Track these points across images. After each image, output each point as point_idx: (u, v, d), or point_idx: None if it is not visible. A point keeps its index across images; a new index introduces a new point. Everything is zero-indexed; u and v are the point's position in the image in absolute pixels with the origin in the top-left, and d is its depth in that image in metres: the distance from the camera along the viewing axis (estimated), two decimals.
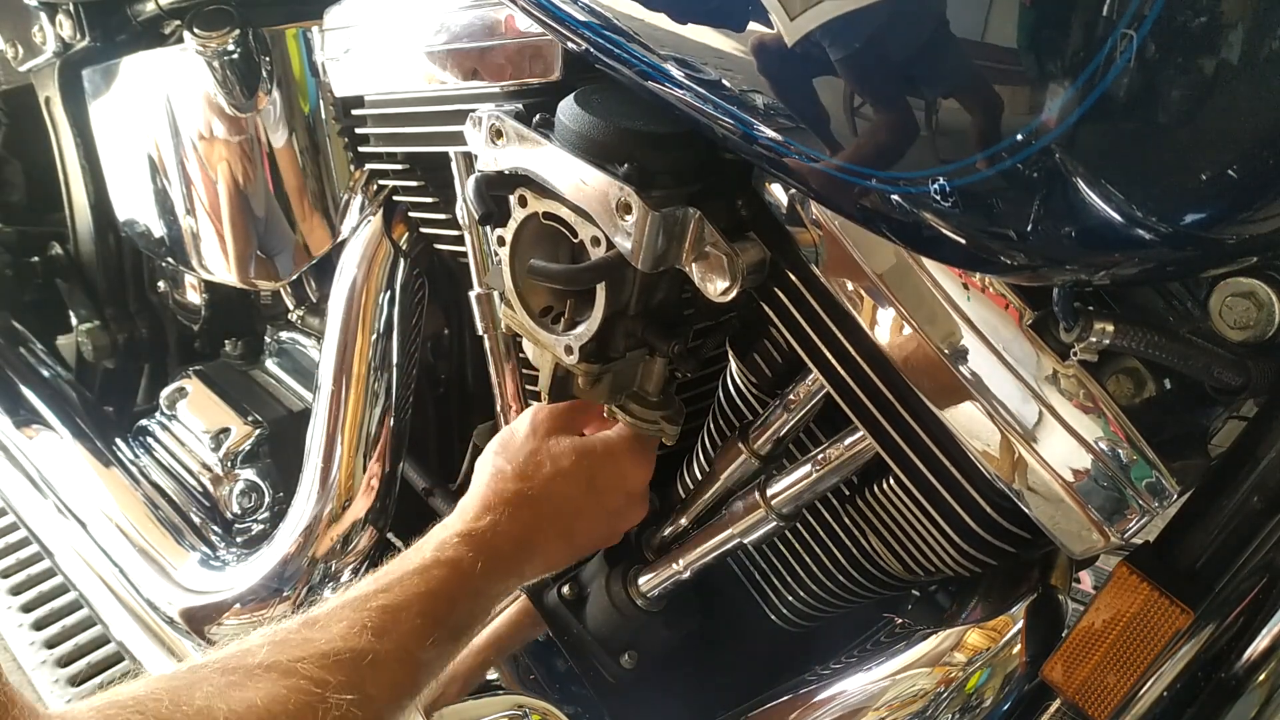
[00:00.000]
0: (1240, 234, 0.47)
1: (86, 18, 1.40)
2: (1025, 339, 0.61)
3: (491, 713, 0.92)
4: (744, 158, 0.64)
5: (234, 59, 1.17)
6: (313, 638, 0.65)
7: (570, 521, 0.81)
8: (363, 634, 0.66)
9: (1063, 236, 0.48)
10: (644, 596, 0.94)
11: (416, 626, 0.68)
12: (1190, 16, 0.40)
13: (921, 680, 0.76)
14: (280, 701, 0.59)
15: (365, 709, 0.63)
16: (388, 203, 1.15)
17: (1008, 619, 0.76)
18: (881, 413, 0.70)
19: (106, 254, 1.64)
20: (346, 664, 0.63)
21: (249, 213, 1.27)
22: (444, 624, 0.70)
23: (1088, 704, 0.65)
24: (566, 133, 0.70)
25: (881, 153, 0.50)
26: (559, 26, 0.67)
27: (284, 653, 0.63)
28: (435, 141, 0.96)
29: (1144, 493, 0.60)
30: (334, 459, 1.17)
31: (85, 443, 1.48)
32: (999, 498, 0.67)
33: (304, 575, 1.17)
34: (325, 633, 0.66)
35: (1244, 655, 0.65)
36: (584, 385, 0.78)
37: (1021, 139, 0.45)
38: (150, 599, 1.25)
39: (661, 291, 0.75)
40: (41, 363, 1.69)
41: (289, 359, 1.53)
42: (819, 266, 0.69)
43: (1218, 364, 0.57)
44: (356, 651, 0.64)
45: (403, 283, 1.17)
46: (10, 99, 1.70)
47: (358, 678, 0.63)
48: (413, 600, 0.69)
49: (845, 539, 0.83)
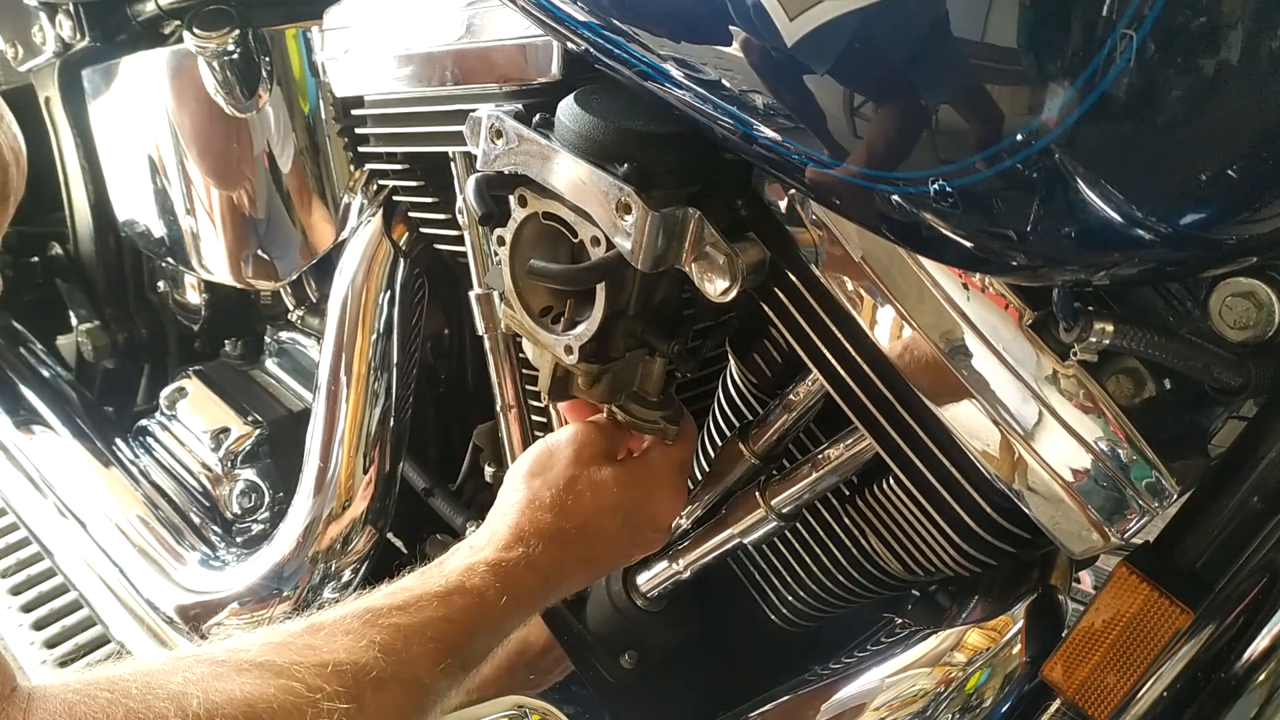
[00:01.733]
0: (1240, 234, 0.47)
1: (86, 18, 1.40)
2: (1025, 339, 0.61)
3: (491, 713, 0.92)
4: (744, 158, 0.64)
5: (234, 59, 1.17)
6: (315, 644, 0.62)
7: (600, 557, 0.78)
8: (369, 649, 0.62)
9: (1062, 236, 0.48)
10: (644, 596, 0.94)
11: (429, 651, 0.65)
12: (1190, 16, 0.40)
13: (921, 680, 0.76)
14: (265, 699, 0.57)
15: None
16: (388, 203, 1.15)
17: (1008, 619, 0.76)
18: (881, 413, 0.70)
19: (106, 254, 1.64)
20: (347, 676, 0.60)
21: (249, 213, 1.27)
22: (458, 654, 0.67)
23: (1088, 704, 0.65)
24: (566, 133, 0.70)
25: (881, 153, 0.50)
26: (559, 26, 0.67)
27: (280, 654, 0.60)
28: (435, 141, 0.96)
29: (1144, 493, 0.60)
30: (334, 459, 1.16)
31: (85, 443, 1.48)
32: (999, 498, 0.67)
33: (304, 575, 1.17)
34: (329, 641, 0.63)
35: (1244, 655, 0.65)
36: (584, 385, 0.78)
37: (1021, 139, 0.45)
38: (150, 599, 1.25)
39: (661, 291, 0.75)
40: (41, 363, 1.69)
41: (289, 359, 1.53)
42: (819, 266, 0.69)
43: (1218, 364, 0.57)
44: (360, 666, 0.61)
45: (403, 283, 1.17)
46: (10, 99, 1.70)
47: (357, 691, 0.60)
48: (429, 624, 0.66)
49: (845, 539, 0.83)
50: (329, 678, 0.59)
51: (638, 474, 0.79)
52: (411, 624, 0.65)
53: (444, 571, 0.71)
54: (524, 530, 0.74)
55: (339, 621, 0.64)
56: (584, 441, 0.80)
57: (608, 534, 0.77)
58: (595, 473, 0.78)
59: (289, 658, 0.60)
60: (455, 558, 0.73)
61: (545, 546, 0.73)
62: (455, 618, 0.67)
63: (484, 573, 0.70)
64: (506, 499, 0.78)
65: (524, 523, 0.74)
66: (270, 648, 0.61)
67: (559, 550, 0.74)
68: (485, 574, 0.70)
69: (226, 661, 0.59)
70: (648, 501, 0.79)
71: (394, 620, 0.65)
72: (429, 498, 1.23)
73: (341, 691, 0.59)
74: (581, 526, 0.75)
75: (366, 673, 0.61)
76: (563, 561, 0.74)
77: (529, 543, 0.73)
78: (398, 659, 0.63)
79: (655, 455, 0.82)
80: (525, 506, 0.76)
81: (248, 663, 0.59)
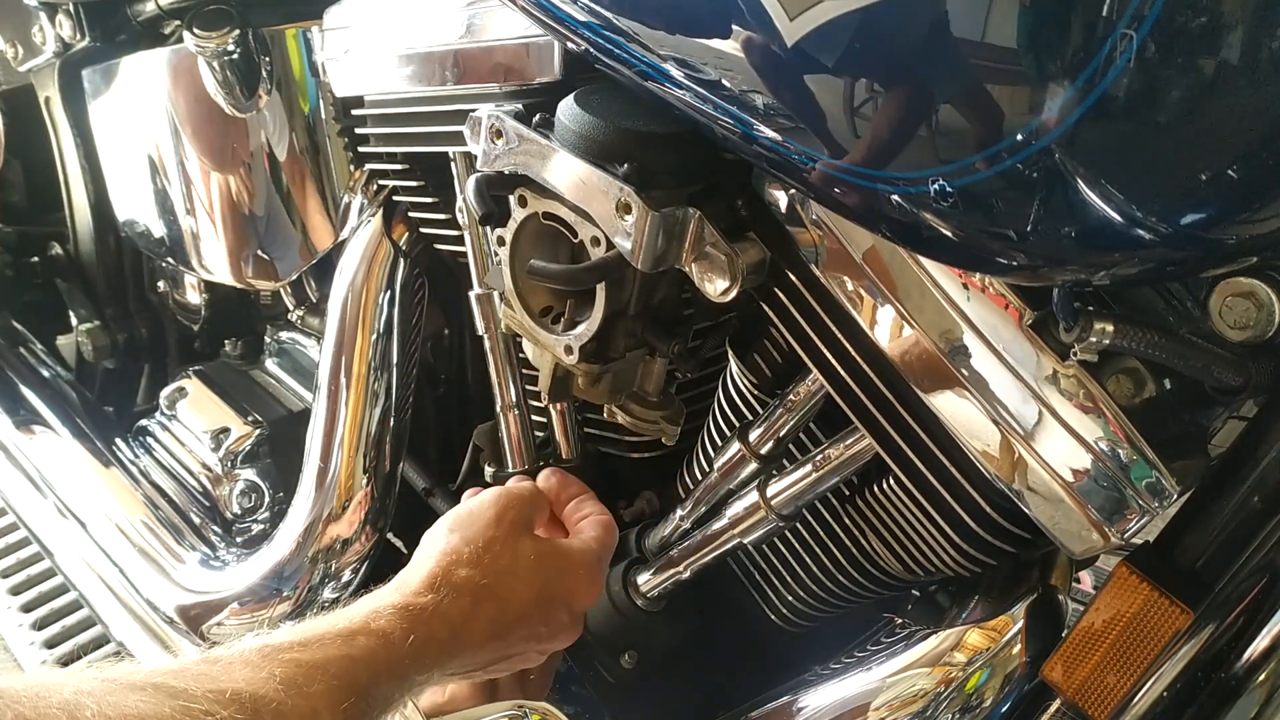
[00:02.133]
0: (1240, 234, 0.47)
1: (86, 18, 1.40)
2: (1025, 339, 0.61)
3: (491, 713, 0.92)
4: (744, 158, 0.64)
5: (234, 59, 1.17)
6: (212, 673, 0.59)
7: (510, 625, 0.75)
8: (269, 681, 0.60)
9: (1062, 236, 0.48)
10: (644, 596, 0.94)
11: (332, 688, 0.62)
12: (1190, 17, 0.40)
13: (921, 680, 0.76)
14: (162, 717, 0.54)
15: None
16: (388, 203, 1.15)
17: (1008, 619, 0.76)
18: (881, 413, 0.70)
19: (106, 254, 1.64)
20: (246, 705, 0.57)
21: (249, 213, 1.27)
22: (362, 695, 0.64)
23: (1088, 704, 0.65)
24: (566, 133, 0.70)
25: (881, 153, 0.50)
26: (559, 26, 0.67)
27: (176, 679, 0.57)
28: (435, 141, 0.96)
29: (1144, 493, 0.60)
30: (334, 459, 1.16)
31: (85, 443, 1.48)
32: (999, 498, 0.67)
33: (304, 575, 1.17)
34: (227, 671, 0.60)
35: (1244, 655, 0.65)
36: (584, 385, 0.78)
37: (1021, 139, 0.45)
38: (150, 599, 1.25)
39: (661, 291, 0.75)
40: (41, 363, 1.68)
41: (289, 359, 1.53)
42: (819, 266, 0.69)
43: (1218, 364, 0.57)
44: (259, 697, 0.58)
45: (403, 283, 1.17)
46: (10, 99, 1.70)
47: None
48: (331, 661, 0.63)
49: (845, 539, 0.83)
50: (226, 704, 0.56)
51: (556, 553, 0.80)
52: (313, 660, 0.63)
53: (350, 613, 0.69)
54: (436, 579, 0.73)
55: (237, 655, 0.62)
56: (506, 505, 0.80)
57: (519, 601, 0.75)
58: (514, 540, 0.78)
59: (185, 682, 0.57)
60: (363, 601, 0.71)
61: (456, 599, 0.72)
62: (359, 656, 0.65)
63: (390, 615, 0.69)
64: (423, 551, 0.77)
65: (438, 572, 0.73)
66: (165, 672, 0.58)
67: (470, 605, 0.72)
68: (391, 617, 0.69)
69: (119, 680, 0.56)
70: (563, 582, 0.78)
71: (295, 655, 0.63)
72: (429, 498, 1.23)
73: (241, 717, 0.57)
74: (494, 586, 0.74)
75: (266, 704, 0.58)
76: (472, 617, 0.72)
77: (440, 591, 0.72)
78: (299, 693, 0.60)
79: (575, 543, 0.82)
80: (440, 557, 0.75)
81: (142, 683, 0.56)
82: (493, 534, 0.77)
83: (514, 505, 0.80)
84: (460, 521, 0.79)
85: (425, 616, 0.70)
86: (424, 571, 0.74)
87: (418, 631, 0.68)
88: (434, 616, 0.70)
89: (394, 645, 0.67)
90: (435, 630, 0.70)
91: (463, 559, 0.75)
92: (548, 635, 0.79)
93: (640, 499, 1.03)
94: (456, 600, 0.72)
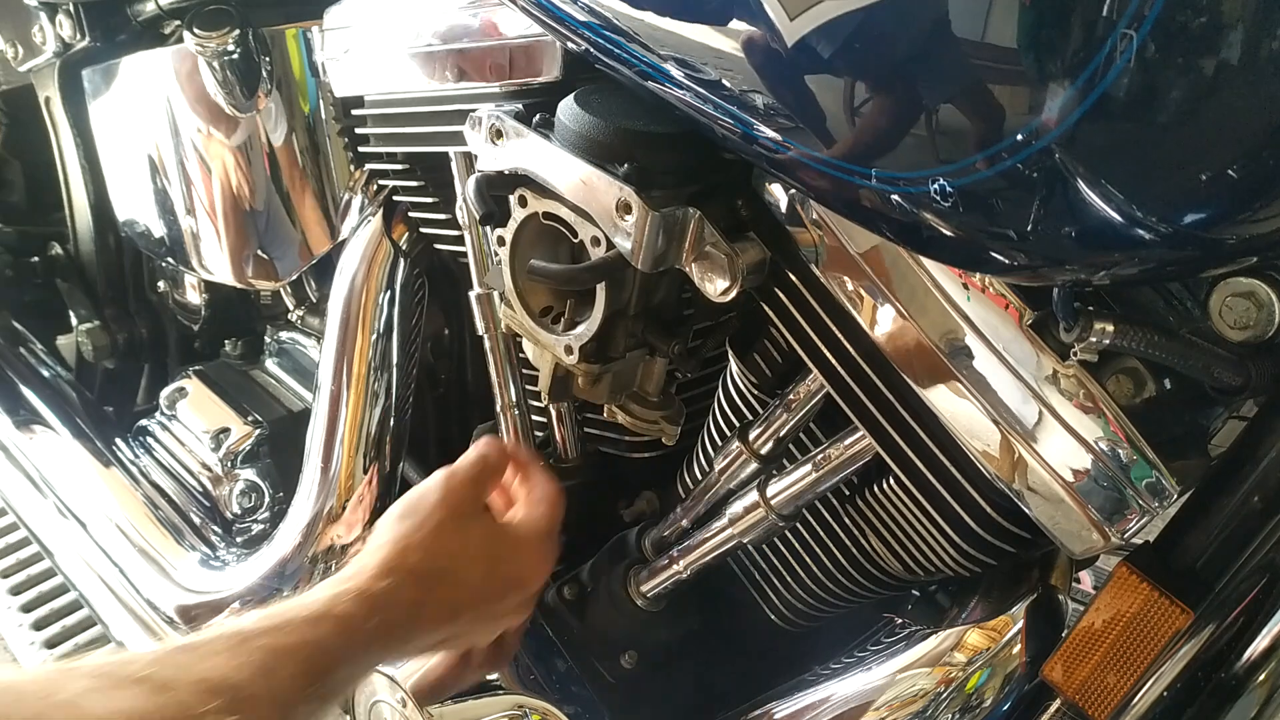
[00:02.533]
0: (1240, 234, 0.47)
1: (86, 18, 1.40)
2: (1025, 339, 0.61)
3: (491, 713, 0.92)
4: (744, 158, 0.64)
5: (234, 59, 1.17)
6: (190, 662, 0.62)
7: (462, 607, 0.78)
8: (244, 669, 0.63)
9: (1063, 236, 0.48)
10: (644, 596, 0.94)
11: (299, 672, 0.65)
12: (1190, 16, 0.40)
13: (921, 680, 0.76)
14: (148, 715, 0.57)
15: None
16: (388, 203, 1.15)
17: (1008, 619, 0.76)
18: (881, 413, 0.70)
19: (106, 254, 1.64)
20: (225, 694, 0.60)
21: (249, 213, 1.27)
22: (323, 680, 0.67)
23: (1088, 704, 0.65)
24: (566, 133, 0.70)
25: (881, 153, 0.50)
26: (559, 26, 0.67)
27: (160, 668, 0.61)
28: (435, 141, 0.96)
29: (1144, 493, 0.60)
30: (334, 459, 1.16)
31: (85, 443, 1.48)
32: (999, 498, 0.67)
33: (304, 575, 1.17)
34: (205, 660, 0.63)
35: (1244, 655, 0.65)
36: (584, 385, 0.78)
37: (1021, 139, 0.45)
38: (150, 599, 1.25)
39: (661, 291, 0.75)
40: (41, 363, 1.68)
41: (289, 359, 1.53)
42: (819, 266, 0.69)
43: (1218, 364, 0.57)
44: (235, 685, 0.62)
45: (403, 283, 1.17)
46: (10, 99, 1.70)
47: (235, 709, 0.60)
48: (299, 647, 0.66)
49: (845, 539, 0.83)
50: (207, 695, 0.60)
51: (504, 534, 0.82)
52: (282, 645, 0.66)
53: (313, 596, 0.72)
54: (391, 565, 0.75)
55: (210, 643, 0.65)
56: (451, 488, 0.81)
57: (471, 582, 0.78)
58: (462, 521, 0.80)
59: (169, 675, 0.60)
60: (322, 587, 0.74)
61: (410, 582, 0.75)
62: (323, 641, 0.68)
63: (350, 600, 0.71)
64: (375, 539, 0.79)
65: (391, 558, 0.76)
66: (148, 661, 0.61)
67: (424, 588, 0.75)
68: (351, 602, 0.71)
69: (108, 675, 0.59)
70: (513, 559, 0.81)
71: (265, 642, 0.65)
72: None
73: (222, 706, 0.59)
74: (446, 569, 0.77)
75: (241, 691, 0.62)
76: (426, 600, 0.75)
77: (396, 575, 0.74)
78: (270, 679, 0.63)
79: (523, 522, 0.84)
80: (392, 544, 0.77)
81: (129, 677, 0.59)
82: (440, 517, 0.79)
83: (458, 488, 0.82)
84: (410, 508, 0.81)
85: (382, 602, 0.72)
86: (378, 558, 0.76)
87: (376, 616, 0.71)
88: (391, 602, 0.73)
89: (354, 630, 0.70)
90: (392, 614, 0.73)
91: (413, 545, 0.77)
92: (499, 614, 0.82)
93: (640, 499, 1.03)
94: (411, 585, 0.75)
